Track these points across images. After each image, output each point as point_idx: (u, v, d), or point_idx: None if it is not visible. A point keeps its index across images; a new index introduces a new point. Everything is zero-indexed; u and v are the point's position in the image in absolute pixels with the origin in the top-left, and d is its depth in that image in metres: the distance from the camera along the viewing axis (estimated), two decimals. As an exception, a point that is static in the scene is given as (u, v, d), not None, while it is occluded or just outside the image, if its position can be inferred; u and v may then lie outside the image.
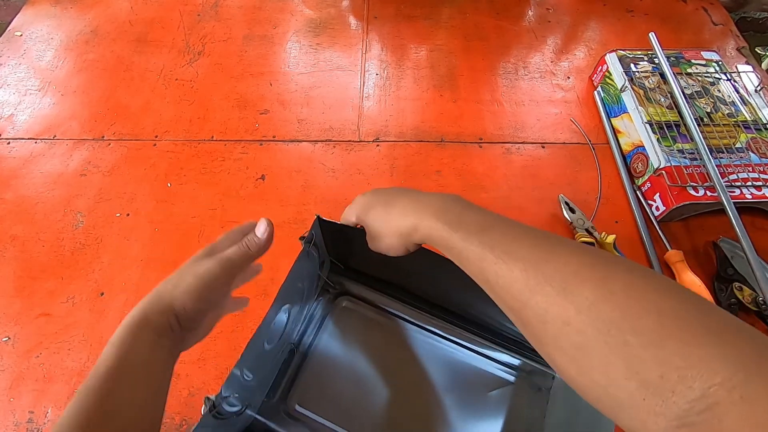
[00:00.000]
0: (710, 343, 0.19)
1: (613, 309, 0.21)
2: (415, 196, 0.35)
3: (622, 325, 0.21)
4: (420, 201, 0.34)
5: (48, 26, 0.92)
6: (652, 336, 0.20)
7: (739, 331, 0.19)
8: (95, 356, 0.54)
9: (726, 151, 0.62)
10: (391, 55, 0.85)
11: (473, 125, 0.74)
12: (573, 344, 0.22)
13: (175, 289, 0.31)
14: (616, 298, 0.21)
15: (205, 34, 0.90)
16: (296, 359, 0.51)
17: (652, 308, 0.21)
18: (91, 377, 0.27)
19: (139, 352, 0.28)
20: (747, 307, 0.53)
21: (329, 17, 0.92)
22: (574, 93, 0.79)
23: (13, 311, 0.58)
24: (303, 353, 0.52)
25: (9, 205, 0.67)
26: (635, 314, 0.21)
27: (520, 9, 0.93)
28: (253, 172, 0.69)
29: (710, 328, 0.19)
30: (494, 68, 0.83)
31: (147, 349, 0.28)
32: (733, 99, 0.69)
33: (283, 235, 0.63)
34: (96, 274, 0.60)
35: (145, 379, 0.28)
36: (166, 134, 0.74)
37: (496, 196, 0.66)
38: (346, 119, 0.76)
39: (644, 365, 0.19)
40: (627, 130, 0.69)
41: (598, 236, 0.58)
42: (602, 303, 0.22)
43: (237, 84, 0.81)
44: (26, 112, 0.78)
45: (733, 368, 0.17)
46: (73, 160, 0.72)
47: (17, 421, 0.50)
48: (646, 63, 0.73)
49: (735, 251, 0.57)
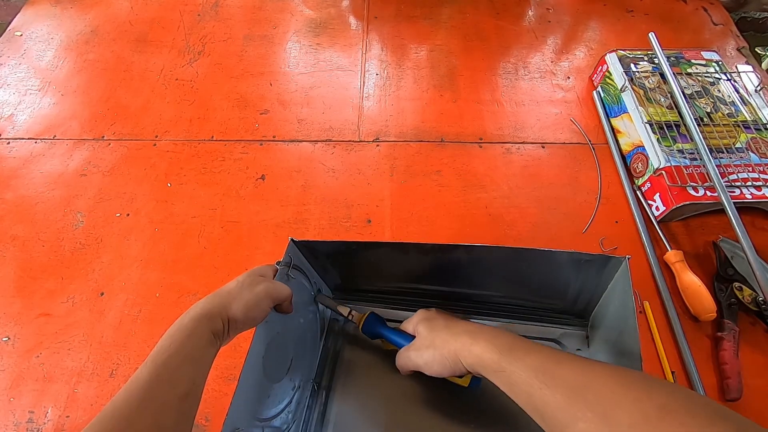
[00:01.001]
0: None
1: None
2: (473, 324, 0.39)
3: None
4: (477, 327, 0.38)
5: (48, 26, 0.92)
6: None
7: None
8: (95, 356, 0.54)
9: (726, 151, 0.62)
10: (391, 55, 0.85)
11: (473, 125, 0.74)
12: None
13: (233, 300, 0.36)
14: (650, 421, 0.24)
15: (205, 34, 0.90)
16: (321, 394, 0.50)
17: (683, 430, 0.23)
18: (158, 351, 0.32)
19: (199, 339, 0.33)
20: (747, 307, 0.53)
21: (329, 17, 0.92)
22: (574, 93, 0.79)
23: (13, 311, 0.58)
24: (326, 386, 0.50)
25: (9, 205, 0.67)
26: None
27: (520, 9, 0.93)
28: (253, 172, 0.69)
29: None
30: (494, 68, 0.83)
31: (203, 340, 0.33)
32: (733, 99, 0.69)
33: (283, 235, 0.63)
34: (96, 274, 0.60)
35: (200, 365, 0.33)
36: (166, 134, 0.74)
37: (496, 196, 0.66)
38: (346, 119, 0.76)
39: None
40: (627, 130, 0.69)
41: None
42: (638, 427, 0.24)
43: (237, 84, 0.81)
44: (26, 112, 0.78)
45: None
46: (73, 160, 0.72)
47: (17, 421, 0.50)
48: (646, 63, 0.73)
49: (735, 251, 0.57)
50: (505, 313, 0.53)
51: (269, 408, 0.42)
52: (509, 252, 0.44)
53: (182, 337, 0.33)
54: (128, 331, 0.56)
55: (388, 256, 0.48)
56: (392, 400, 0.49)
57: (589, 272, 0.45)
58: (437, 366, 0.38)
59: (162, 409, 0.29)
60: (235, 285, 0.38)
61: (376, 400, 0.49)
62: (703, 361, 0.51)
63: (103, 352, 0.55)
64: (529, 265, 0.46)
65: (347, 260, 0.50)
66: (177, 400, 0.30)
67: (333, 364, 0.52)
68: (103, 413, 0.29)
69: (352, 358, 0.52)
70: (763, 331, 0.53)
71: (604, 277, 0.45)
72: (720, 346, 0.51)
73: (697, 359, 0.50)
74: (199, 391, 0.32)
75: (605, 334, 0.47)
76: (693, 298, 0.53)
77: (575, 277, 0.46)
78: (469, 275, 0.49)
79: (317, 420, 0.48)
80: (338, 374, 0.51)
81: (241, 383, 0.35)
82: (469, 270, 0.48)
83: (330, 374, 0.51)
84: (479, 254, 0.45)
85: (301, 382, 0.48)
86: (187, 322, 0.34)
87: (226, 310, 0.35)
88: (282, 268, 0.43)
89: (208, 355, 0.34)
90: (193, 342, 0.33)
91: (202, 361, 0.33)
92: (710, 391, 0.49)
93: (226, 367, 0.53)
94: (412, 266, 0.49)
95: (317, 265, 0.51)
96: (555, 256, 0.43)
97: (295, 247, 0.46)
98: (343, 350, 0.53)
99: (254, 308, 0.37)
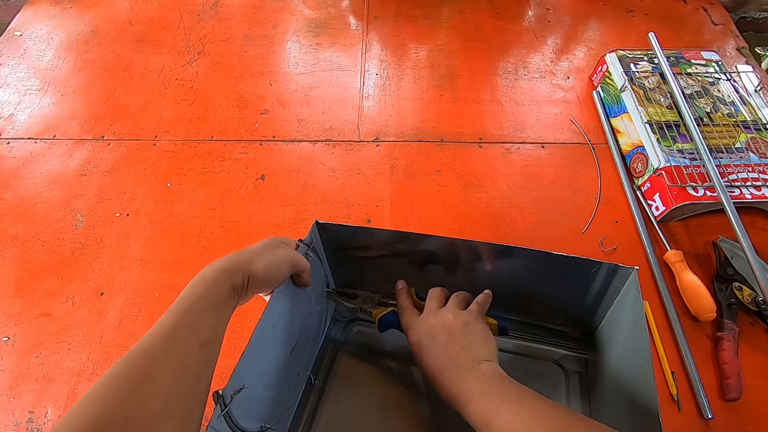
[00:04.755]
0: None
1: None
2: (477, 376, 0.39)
3: None
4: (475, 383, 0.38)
5: (48, 26, 0.92)
6: None
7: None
8: (95, 356, 0.54)
9: (726, 151, 0.62)
10: (391, 55, 0.85)
11: (473, 125, 0.74)
12: None
13: (256, 258, 0.37)
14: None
15: (205, 34, 0.90)
16: (315, 392, 0.49)
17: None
18: (181, 299, 0.33)
19: (219, 291, 0.34)
20: (747, 307, 0.53)
21: (329, 17, 0.92)
22: (573, 93, 0.79)
23: (13, 311, 0.58)
24: (320, 386, 0.49)
25: (9, 205, 0.67)
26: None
27: (520, 9, 0.93)
28: (253, 172, 0.69)
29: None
30: (494, 68, 0.83)
31: (224, 293, 0.34)
32: (733, 99, 0.69)
33: (283, 235, 0.63)
34: (96, 274, 0.60)
35: (219, 316, 0.34)
36: (166, 134, 0.74)
37: (496, 195, 0.66)
38: (346, 119, 0.76)
39: None
40: (627, 130, 0.69)
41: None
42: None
43: (237, 84, 0.81)
44: (26, 112, 0.78)
45: None
46: (73, 160, 0.72)
47: (17, 421, 0.50)
48: (645, 63, 0.73)
49: (735, 251, 0.57)
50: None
51: (272, 381, 0.42)
52: (502, 249, 0.43)
53: (204, 287, 0.34)
54: (128, 331, 0.56)
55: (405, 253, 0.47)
56: (386, 407, 0.48)
57: (593, 282, 0.43)
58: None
59: (186, 352, 0.31)
60: (259, 245, 0.39)
61: (369, 405, 0.48)
62: (703, 361, 0.51)
63: (103, 352, 0.55)
64: (524, 265, 0.45)
65: (360, 255, 0.49)
66: (199, 345, 0.31)
67: (331, 361, 0.51)
68: (130, 353, 0.30)
69: (350, 361, 0.51)
70: (763, 331, 0.53)
71: (611, 290, 0.43)
72: (720, 346, 0.51)
73: (696, 359, 0.50)
74: (219, 339, 0.33)
75: (613, 359, 0.44)
76: (693, 298, 0.53)
77: (577, 286, 0.44)
78: (480, 264, 0.47)
79: (308, 416, 0.47)
80: (333, 374, 0.50)
81: (251, 344, 0.36)
82: (471, 270, 0.47)
83: (326, 373, 0.50)
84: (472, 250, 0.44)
85: (301, 369, 0.48)
86: (210, 274, 0.35)
87: (247, 266, 0.36)
88: (302, 246, 0.43)
89: (228, 307, 0.34)
90: (214, 293, 0.34)
91: (223, 311, 0.34)
92: (710, 391, 0.49)
93: (226, 366, 0.53)
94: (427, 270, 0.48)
95: (332, 259, 0.50)
96: (552, 258, 0.41)
97: (317, 232, 0.46)
98: (342, 350, 0.52)
99: (275, 269, 0.38)
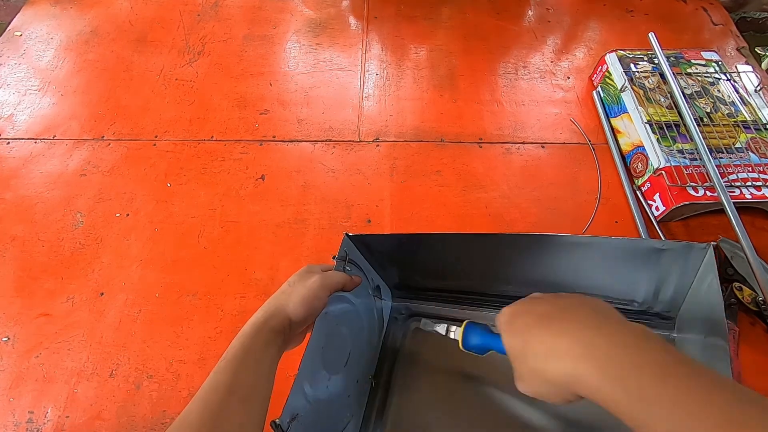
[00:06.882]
0: None
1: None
2: (573, 316, 0.29)
3: None
4: (582, 324, 0.28)
5: (48, 26, 0.92)
6: None
7: None
8: (95, 356, 0.54)
9: (726, 151, 0.62)
10: (391, 55, 0.85)
11: (473, 125, 0.74)
12: None
13: (289, 298, 0.38)
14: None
15: (205, 34, 0.89)
16: (380, 392, 0.49)
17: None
18: (223, 360, 0.33)
19: (258, 345, 0.35)
20: (747, 307, 0.53)
21: (329, 17, 0.92)
22: (573, 93, 0.79)
23: (13, 311, 0.58)
24: (385, 386, 0.50)
25: (9, 205, 0.67)
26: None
27: (520, 9, 0.93)
28: (253, 172, 0.69)
29: None
30: (494, 68, 0.83)
31: (263, 345, 0.35)
32: (733, 99, 0.69)
33: (283, 235, 0.63)
34: (96, 274, 0.60)
35: (260, 366, 0.34)
36: (166, 134, 0.74)
37: (496, 196, 0.66)
38: (346, 119, 0.76)
39: None
40: (627, 130, 0.69)
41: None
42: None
43: (237, 84, 0.81)
44: (26, 112, 0.78)
45: None
46: (73, 160, 0.72)
47: (17, 421, 0.50)
48: (645, 63, 0.73)
49: (735, 251, 0.57)
50: None
51: (328, 398, 0.42)
52: (561, 241, 0.41)
53: (239, 343, 0.34)
54: (128, 331, 0.56)
55: (445, 250, 0.47)
56: (452, 399, 0.48)
57: (666, 266, 0.41)
58: (552, 398, 0.29)
59: (220, 414, 0.31)
60: (287, 285, 0.39)
61: (435, 398, 0.48)
62: (703, 361, 0.51)
63: (102, 352, 0.55)
64: (582, 257, 0.42)
65: (403, 256, 0.49)
66: (238, 403, 0.31)
67: (392, 361, 0.51)
68: (173, 426, 0.31)
69: (412, 356, 0.52)
70: (763, 331, 0.53)
71: (687, 270, 0.40)
72: (720, 346, 0.51)
73: (696, 359, 0.50)
74: (260, 394, 0.33)
75: (691, 339, 0.42)
76: (693, 298, 0.53)
77: (648, 271, 0.42)
78: (525, 271, 0.46)
79: (376, 416, 0.48)
80: (397, 371, 0.51)
81: (300, 371, 0.36)
82: (525, 265, 0.46)
83: (389, 371, 0.51)
84: (529, 244, 0.43)
85: (360, 376, 0.48)
86: (248, 330, 0.35)
87: (284, 308, 0.37)
88: (339, 262, 0.43)
89: (268, 356, 0.35)
90: (252, 347, 0.34)
91: (262, 364, 0.34)
92: (710, 391, 0.49)
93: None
94: (470, 259, 0.47)
95: (374, 262, 0.50)
96: (613, 244, 0.39)
97: (351, 242, 0.45)
98: (403, 347, 0.52)
99: (312, 300, 0.38)
